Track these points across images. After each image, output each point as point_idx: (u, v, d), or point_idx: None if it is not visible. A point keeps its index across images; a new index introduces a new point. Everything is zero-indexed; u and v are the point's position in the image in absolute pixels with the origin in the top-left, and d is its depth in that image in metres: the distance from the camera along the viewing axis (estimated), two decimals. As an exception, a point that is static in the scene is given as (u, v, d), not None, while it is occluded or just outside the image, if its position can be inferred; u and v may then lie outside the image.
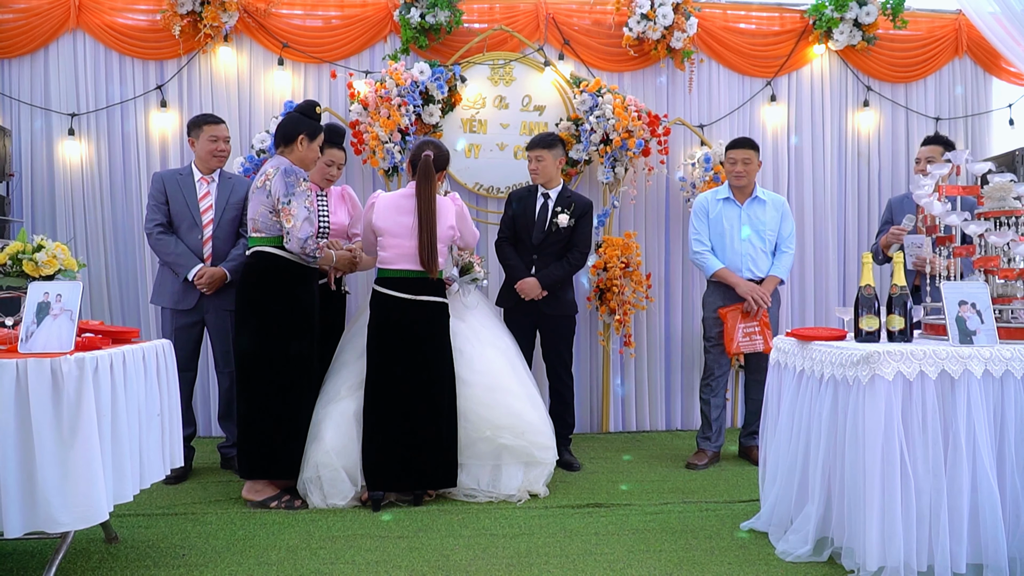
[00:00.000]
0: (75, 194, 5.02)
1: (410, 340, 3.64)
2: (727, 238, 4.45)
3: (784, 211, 4.52)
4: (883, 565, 2.61)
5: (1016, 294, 3.01)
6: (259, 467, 3.62)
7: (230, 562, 2.94)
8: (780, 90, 5.51)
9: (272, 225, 3.57)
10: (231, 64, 5.10)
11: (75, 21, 4.95)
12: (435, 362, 3.67)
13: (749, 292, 4.32)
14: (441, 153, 3.78)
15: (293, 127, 3.65)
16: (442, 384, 3.68)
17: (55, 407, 2.46)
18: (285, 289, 3.61)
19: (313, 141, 3.68)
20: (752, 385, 4.57)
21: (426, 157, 3.67)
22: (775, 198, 4.56)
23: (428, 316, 3.68)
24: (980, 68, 5.70)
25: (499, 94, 5.17)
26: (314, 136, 3.68)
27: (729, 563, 2.92)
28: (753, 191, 4.48)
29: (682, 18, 5.07)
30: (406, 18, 4.92)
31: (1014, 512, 2.69)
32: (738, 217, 4.45)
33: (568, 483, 4.03)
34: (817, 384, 2.93)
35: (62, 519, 2.45)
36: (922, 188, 3.22)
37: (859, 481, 2.66)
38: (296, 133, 3.64)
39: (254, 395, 3.60)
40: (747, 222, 4.44)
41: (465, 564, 2.92)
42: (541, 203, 4.41)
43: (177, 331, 4.09)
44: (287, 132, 3.65)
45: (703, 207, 4.53)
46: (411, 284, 3.65)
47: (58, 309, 2.63)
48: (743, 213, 4.45)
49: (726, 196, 4.49)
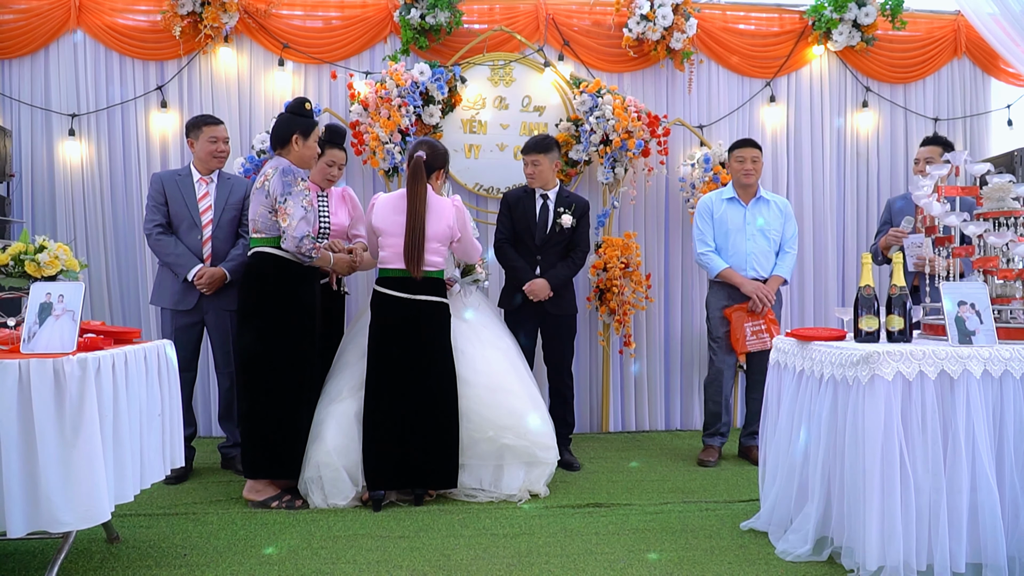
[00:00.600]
0: (75, 195, 5.02)
1: (409, 339, 3.64)
2: (731, 238, 4.47)
3: (787, 212, 4.56)
4: (883, 564, 2.62)
5: (1015, 294, 3.02)
6: (262, 466, 3.63)
7: (231, 562, 2.94)
8: (779, 91, 5.52)
9: (272, 225, 3.57)
10: (231, 65, 5.11)
11: (75, 21, 4.96)
12: (435, 362, 3.67)
13: (755, 291, 4.35)
14: (436, 152, 3.78)
15: (286, 128, 3.65)
16: (442, 384, 3.68)
17: (57, 407, 2.47)
18: (286, 289, 3.61)
19: (308, 138, 3.68)
20: (753, 385, 4.58)
21: (418, 157, 3.69)
22: (779, 199, 4.58)
23: (427, 315, 3.68)
24: (979, 69, 5.72)
25: (499, 95, 5.18)
26: (308, 132, 3.67)
27: (729, 563, 2.93)
28: (757, 191, 4.50)
29: (682, 19, 5.08)
30: (406, 19, 4.93)
31: (1013, 511, 2.70)
32: (743, 217, 4.47)
33: (568, 483, 4.03)
34: (817, 384, 2.93)
35: (64, 519, 2.45)
36: (921, 189, 3.23)
37: (859, 481, 2.67)
38: (290, 133, 3.64)
39: (256, 395, 3.61)
40: (752, 222, 4.46)
41: (466, 564, 2.92)
42: (540, 204, 4.42)
43: (177, 331, 4.09)
44: (281, 134, 3.65)
45: (707, 207, 4.54)
46: (408, 283, 3.65)
47: (60, 310, 2.64)
48: (748, 213, 4.47)
49: (731, 196, 4.51)
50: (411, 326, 3.65)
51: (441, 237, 3.69)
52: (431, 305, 3.68)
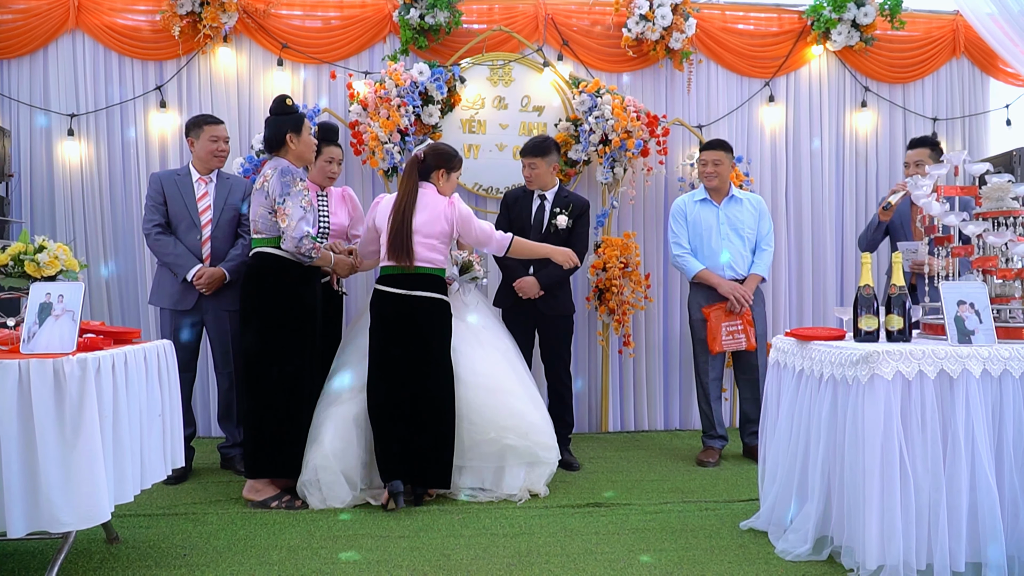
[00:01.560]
0: (74, 195, 5.02)
1: (407, 335, 3.64)
2: (705, 239, 4.49)
3: (762, 209, 4.57)
4: (882, 564, 2.62)
5: (1014, 294, 3.02)
6: (263, 466, 3.63)
7: (231, 562, 2.94)
8: (778, 91, 5.52)
9: (272, 226, 3.57)
10: (230, 65, 5.11)
11: (74, 22, 4.96)
12: (432, 359, 3.67)
13: (731, 291, 4.36)
14: (436, 152, 3.78)
15: (277, 130, 3.65)
16: (439, 382, 3.67)
17: (57, 407, 2.46)
18: (287, 289, 3.61)
19: (302, 132, 3.67)
20: (743, 385, 4.60)
21: (414, 154, 3.76)
22: (752, 197, 4.61)
23: (425, 312, 3.66)
24: (977, 69, 5.72)
25: (498, 95, 5.18)
26: (299, 127, 3.66)
27: (729, 562, 2.93)
28: (729, 191, 4.52)
29: (681, 19, 5.08)
30: (405, 19, 4.93)
31: (1012, 511, 2.70)
32: (716, 217, 4.49)
33: (568, 483, 4.04)
34: (816, 384, 2.94)
35: (64, 519, 2.45)
36: (921, 188, 3.23)
37: (858, 480, 2.67)
38: (282, 134, 3.64)
39: (258, 395, 3.61)
40: (725, 222, 4.47)
41: (466, 564, 2.92)
42: (538, 204, 4.42)
43: (176, 331, 4.08)
44: (274, 137, 3.65)
45: (680, 210, 4.57)
46: (402, 279, 3.65)
47: (60, 310, 2.64)
48: (721, 213, 4.49)
49: (702, 198, 4.54)
50: (408, 322, 3.64)
51: (436, 234, 3.67)
52: (429, 301, 3.67)
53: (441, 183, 3.79)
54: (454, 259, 4.10)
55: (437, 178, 3.78)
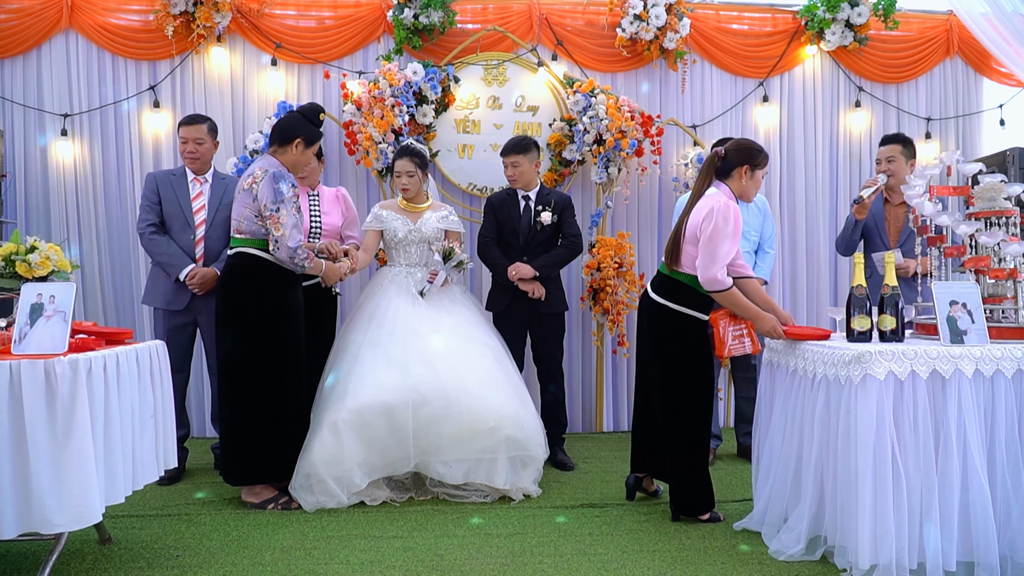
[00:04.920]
0: (68, 195, 5.00)
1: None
2: None
3: (766, 212, 4.52)
4: (875, 563, 2.63)
5: (1006, 294, 3.03)
6: (249, 473, 3.59)
7: (224, 563, 2.93)
8: (772, 91, 5.53)
9: (256, 229, 3.53)
10: (224, 64, 5.10)
11: (68, 21, 4.94)
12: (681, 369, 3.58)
13: None
14: (740, 147, 3.40)
15: (292, 129, 3.61)
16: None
17: (49, 408, 2.46)
18: (267, 291, 3.56)
19: (309, 148, 3.66)
20: (741, 383, 4.59)
21: (715, 150, 3.42)
22: (758, 198, 4.56)
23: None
24: (971, 69, 5.74)
25: (492, 95, 5.18)
26: (311, 143, 3.66)
27: (722, 562, 2.93)
28: None
29: (675, 19, 5.09)
30: (399, 18, 4.93)
31: (1004, 510, 2.71)
32: None
33: (562, 483, 4.03)
34: (809, 384, 2.94)
35: (56, 520, 2.45)
36: (913, 188, 3.24)
37: (851, 480, 2.68)
38: (294, 135, 3.61)
39: (238, 400, 3.56)
40: None
41: (459, 564, 2.92)
42: (523, 205, 4.41)
43: (169, 332, 4.07)
44: (286, 133, 3.61)
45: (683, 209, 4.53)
46: (656, 282, 3.58)
47: (51, 310, 2.63)
48: None
49: None
50: None
51: (690, 238, 3.39)
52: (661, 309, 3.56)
53: (744, 181, 3.37)
54: (435, 248, 4.07)
55: (740, 175, 3.36)
